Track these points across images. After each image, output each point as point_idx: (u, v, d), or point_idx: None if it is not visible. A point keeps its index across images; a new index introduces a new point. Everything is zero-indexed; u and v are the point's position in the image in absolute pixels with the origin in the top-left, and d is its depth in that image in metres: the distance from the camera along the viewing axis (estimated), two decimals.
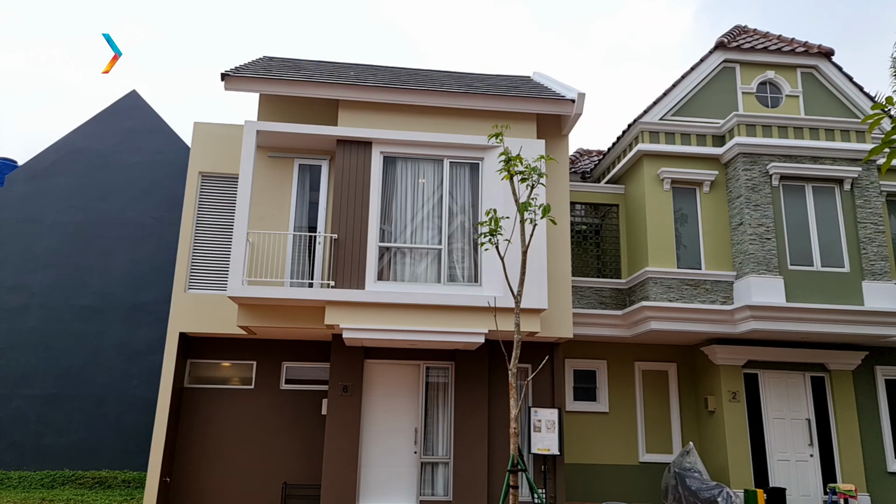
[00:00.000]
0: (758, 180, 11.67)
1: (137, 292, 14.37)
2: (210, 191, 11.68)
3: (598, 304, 12.55)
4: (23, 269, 14.33)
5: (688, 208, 12.23)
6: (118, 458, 13.52)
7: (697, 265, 11.96)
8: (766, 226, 11.48)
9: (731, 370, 12.08)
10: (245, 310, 10.02)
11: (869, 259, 11.54)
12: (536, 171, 8.26)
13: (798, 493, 11.67)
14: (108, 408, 13.83)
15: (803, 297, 11.20)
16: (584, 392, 13.00)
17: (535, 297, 9.89)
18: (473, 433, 10.69)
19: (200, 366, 11.72)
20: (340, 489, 10.22)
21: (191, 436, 11.33)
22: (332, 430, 10.48)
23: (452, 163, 10.70)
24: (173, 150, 15.07)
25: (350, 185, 10.31)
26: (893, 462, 12.13)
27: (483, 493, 10.42)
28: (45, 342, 13.98)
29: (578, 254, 12.98)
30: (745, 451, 11.72)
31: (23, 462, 13.36)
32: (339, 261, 9.99)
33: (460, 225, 10.59)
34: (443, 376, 11.19)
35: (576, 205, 13.09)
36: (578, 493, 12.18)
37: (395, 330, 9.79)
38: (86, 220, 14.63)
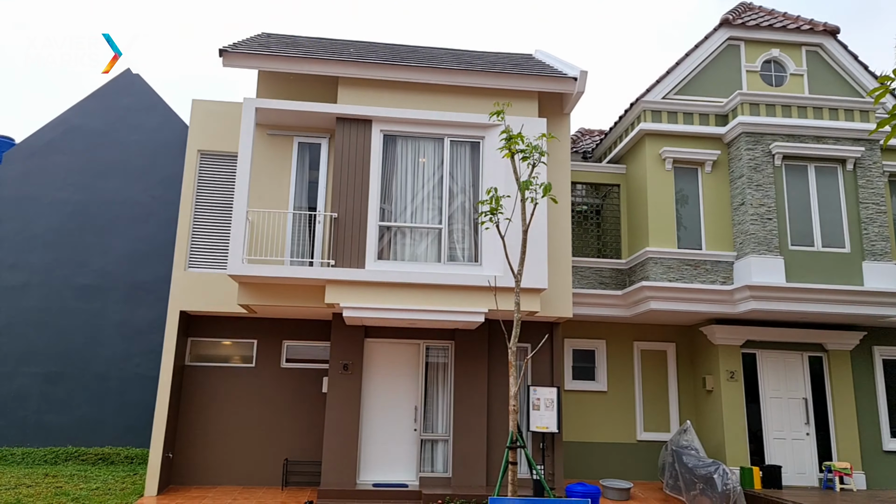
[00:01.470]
0: (760, 160, 11.61)
1: (137, 271, 14.38)
2: (209, 169, 11.61)
3: (597, 284, 12.56)
4: (22, 247, 14.31)
5: (689, 189, 12.18)
6: (120, 434, 13.64)
7: (698, 245, 11.94)
8: (767, 206, 11.44)
9: (729, 350, 12.13)
10: (245, 288, 10.03)
11: (870, 239, 11.53)
12: (538, 149, 8.21)
13: (794, 470, 11.79)
14: (109, 386, 13.93)
15: (803, 278, 11.21)
16: (582, 371, 13.08)
17: (535, 277, 9.89)
18: (473, 411, 10.76)
19: (201, 344, 11.76)
20: (341, 465, 10.32)
21: (192, 413, 11.42)
22: (332, 408, 10.55)
23: (453, 141, 10.63)
24: (171, 129, 14.98)
25: (350, 163, 10.25)
26: (889, 441, 12.25)
27: (482, 470, 10.53)
28: (45, 321, 14.03)
29: (579, 234, 12.95)
30: (741, 430, 11.82)
31: (26, 439, 13.48)
32: (339, 240, 9.97)
33: (461, 204, 10.55)
34: (443, 355, 11.24)
35: (577, 185, 13.04)
36: (576, 470, 12.31)
37: (395, 309, 9.80)
38: (84, 199, 14.58)
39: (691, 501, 10.56)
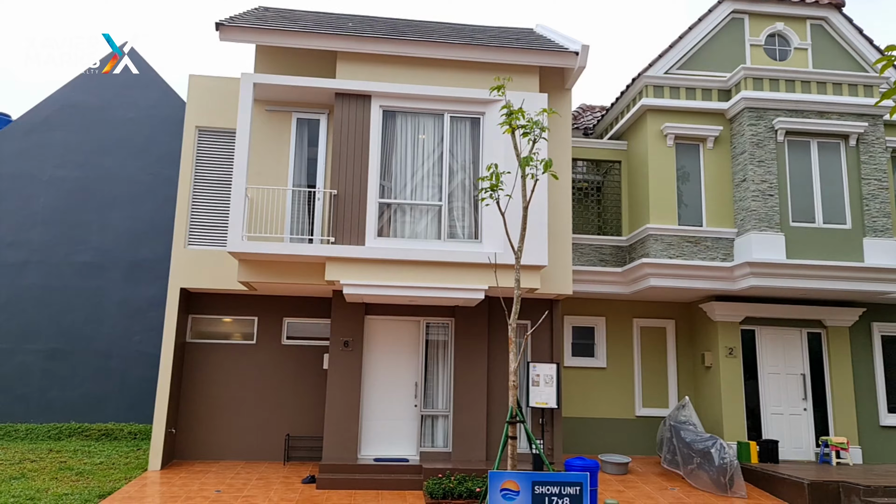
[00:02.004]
0: (763, 136, 11.52)
1: (137, 249, 14.37)
2: (207, 146, 11.53)
3: (597, 262, 12.56)
4: (21, 224, 14.28)
5: (690, 165, 12.10)
6: (123, 411, 13.75)
7: (699, 222, 11.91)
8: (769, 182, 11.39)
9: (728, 326, 12.17)
10: (245, 265, 10.02)
11: (871, 215, 11.50)
12: (538, 124, 8.14)
13: (791, 445, 11.91)
14: (112, 363, 14.00)
15: (804, 254, 11.20)
16: (582, 348, 13.14)
17: (535, 254, 9.87)
18: (473, 387, 10.83)
19: (202, 321, 11.80)
20: (342, 441, 10.41)
21: (194, 389, 11.49)
22: (333, 384, 10.62)
23: (453, 117, 10.53)
24: (169, 105, 14.83)
25: (349, 139, 10.17)
26: (886, 416, 12.35)
27: (482, 445, 10.63)
28: (46, 298, 14.05)
29: (579, 211, 12.91)
30: (739, 405, 11.91)
31: (29, 415, 13.59)
32: (339, 217, 9.94)
33: (461, 181, 10.49)
34: (443, 332, 11.28)
35: (578, 161, 12.96)
36: (575, 445, 12.43)
37: (395, 286, 9.80)
38: (83, 176, 14.51)
39: (688, 475, 10.69)
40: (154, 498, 8.97)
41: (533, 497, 7.28)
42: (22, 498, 8.50)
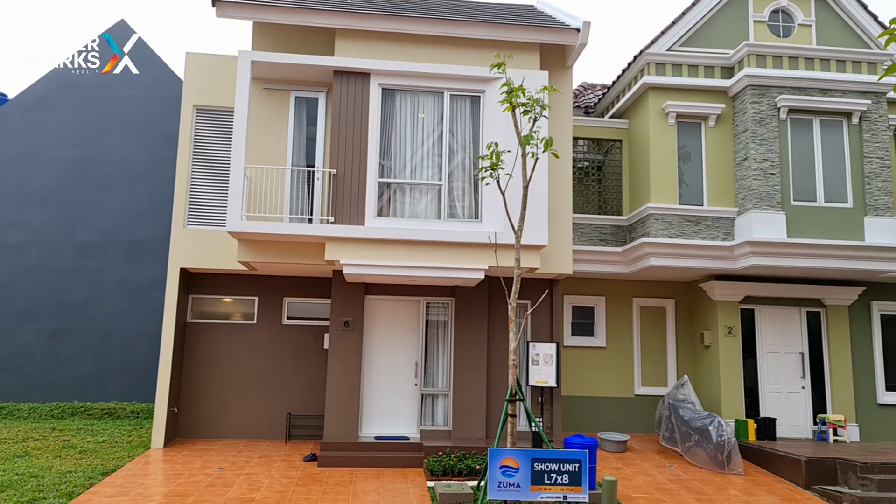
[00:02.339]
0: (765, 113, 11.43)
1: (136, 229, 14.34)
2: (205, 125, 11.44)
3: (598, 241, 12.54)
4: (20, 204, 14.24)
5: (692, 144, 12.03)
6: (125, 390, 13.84)
7: (699, 202, 11.87)
8: (771, 160, 11.33)
9: (728, 306, 12.19)
10: (245, 245, 10.00)
11: (873, 194, 11.45)
12: (539, 102, 8.08)
13: (788, 423, 11.99)
14: (113, 343, 14.05)
15: (804, 233, 11.18)
16: (582, 327, 13.18)
17: (535, 234, 9.85)
18: (473, 367, 10.87)
19: (202, 301, 11.81)
20: (343, 419, 10.49)
21: (196, 369, 11.55)
22: (334, 364, 10.66)
23: (453, 95, 10.43)
24: (166, 84, 14.71)
25: (348, 118, 10.08)
26: (884, 394, 12.43)
27: (482, 423, 10.70)
28: (46, 278, 14.06)
29: (580, 190, 12.86)
30: (737, 384, 11.97)
31: (31, 395, 13.68)
32: (339, 196, 9.89)
33: (461, 161, 10.43)
34: (443, 312, 11.29)
35: (578, 140, 12.88)
36: (574, 423, 12.52)
37: (395, 266, 9.79)
38: (80, 156, 14.43)
39: (686, 453, 10.78)
40: (157, 475, 9.06)
41: (532, 474, 7.34)
42: (26, 476, 8.58)
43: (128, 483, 8.56)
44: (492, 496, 7.33)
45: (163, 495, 8.06)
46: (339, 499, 8.13)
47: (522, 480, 7.33)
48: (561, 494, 7.32)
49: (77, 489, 8.13)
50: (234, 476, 9.01)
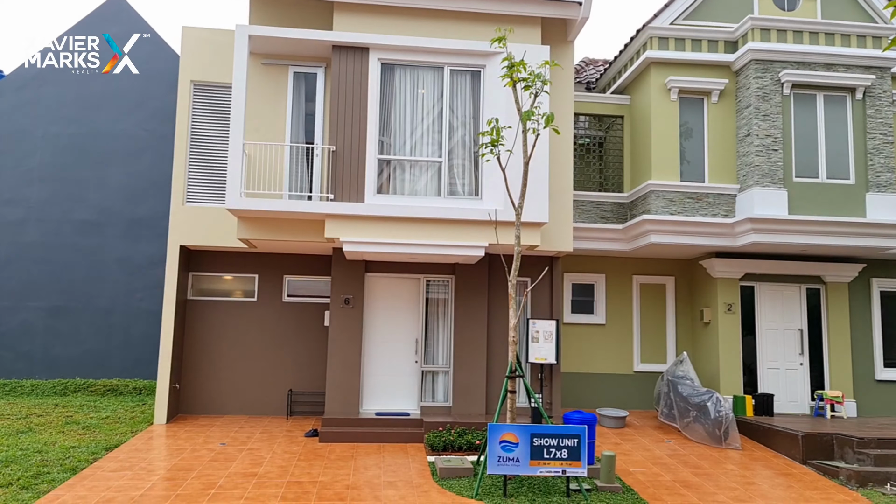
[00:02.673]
0: (769, 89, 11.31)
1: (136, 206, 14.30)
2: (203, 101, 11.33)
3: (598, 218, 12.50)
4: (18, 182, 14.18)
5: (694, 120, 11.93)
6: (127, 367, 13.92)
7: (701, 178, 11.81)
8: (773, 136, 11.24)
9: (728, 283, 12.20)
10: (245, 223, 9.97)
11: (875, 171, 11.39)
12: (540, 77, 7.99)
13: (786, 399, 12.08)
14: (114, 320, 14.10)
15: (806, 210, 11.14)
16: (581, 305, 13.20)
17: (535, 211, 9.81)
18: (473, 344, 10.91)
19: (203, 279, 11.82)
20: (344, 395, 10.55)
21: (197, 346, 11.60)
22: (334, 341, 10.69)
23: (453, 70, 10.31)
24: (163, 59, 14.54)
25: (347, 94, 9.98)
26: (882, 370, 12.50)
27: (482, 400, 10.78)
28: (46, 256, 14.06)
29: (581, 167, 12.79)
30: (736, 361, 12.03)
31: (34, 371, 13.76)
32: (338, 173, 9.84)
33: (461, 137, 10.34)
34: (443, 289, 11.30)
35: (580, 116, 12.77)
36: (574, 400, 12.62)
37: (395, 243, 9.77)
38: (78, 132, 14.33)
39: (685, 429, 10.87)
40: (160, 450, 9.15)
41: (532, 449, 7.42)
42: (30, 451, 8.67)
43: (131, 458, 8.65)
44: (491, 471, 7.41)
45: (166, 469, 8.14)
46: (341, 473, 8.22)
47: (522, 455, 7.40)
48: (560, 469, 7.41)
49: (81, 464, 8.21)
50: (237, 451, 9.10)
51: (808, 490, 8.25)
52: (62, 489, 7.26)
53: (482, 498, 7.40)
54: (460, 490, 7.66)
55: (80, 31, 14.55)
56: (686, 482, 8.37)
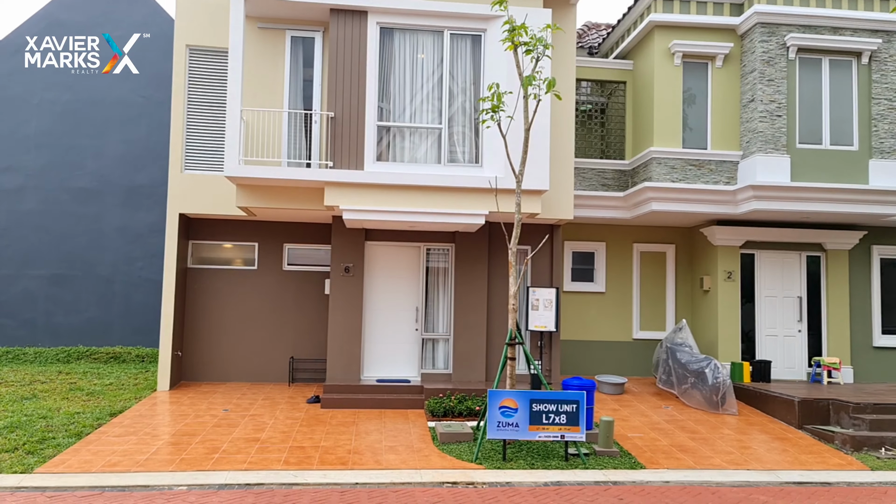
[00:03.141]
0: (774, 53, 11.13)
1: (133, 174, 14.21)
2: (199, 66, 11.15)
3: (599, 186, 12.43)
4: (14, 149, 14.06)
5: (698, 86, 11.76)
6: (129, 335, 14.00)
7: (703, 145, 11.70)
8: (777, 102, 11.10)
9: (728, 251, 12.19)
10: (243, 190, 9.90)
11: (879, 136, 11.28)
12: (542, 41, 7.85)
13: (783, 365, 12.18)
14: (115, 288, 14.13)
15: (808, 176, 11.07)
16: (582, 273, 13.21)
17: (536, 178, 9.74)
18: (473, 312, 10.95)
19: (203, 247, 11.80)
20: (345, 362, 10.64)
21: (198, 314, 11.64)
22: (335, 309, 10.73)
23: (453, 34, 10.12)
24: (157, 23, 14.28)
25: (345, 59, 9.82)
26: (879, 337, 12.57)
27: (482, 367, 10.87)
28: (45, 224, 14.02)
29: (582, 134, 12.66)
30: (735, 328, 12.10)
31: (36, 339, 13.85)
32: (337, 140, 9.74)
33: (461, 104, 10.21)
34: (443, 258, 11.30)
35: (581, 82, 12.59)
36: (573, 367, 12.73)
37: (394, 211, 9.72)
38: (73, 99, 14.16)
39: (682, 395, 10.98)
40: (164, 416, 9.26)
41: (531, 414, 7.50)
42: (35, 417, 8.77)
43: (135, 423, 8.75)
44: (491, 435, 7.51)
45: (170, 435, 8.25)
46: (343, 438, 8.33)
47: (521, 420, 7.49)
48: (558, 434, 7.50)
49: (86, 429, 8.31)
50: (239, 417, 9.21)
51: (803, 454, 8.37)
52: (68, 454, 7.36)
53: (482, 462, 7.51)
54: (460, 454, 7.77)
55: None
56: (683, 446, 8.48)
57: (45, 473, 6.74)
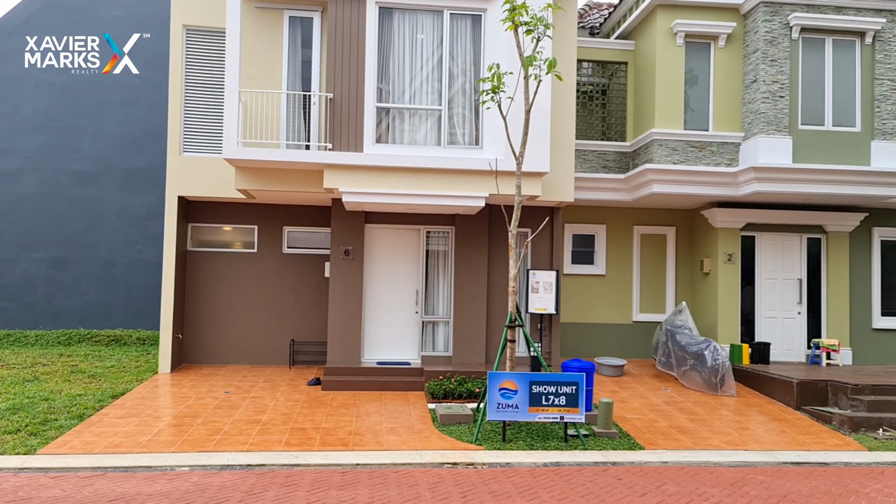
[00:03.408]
0: (777, 32, 11.01)
1: (132, 156, 14.14)
2: (197, 46, 11.04)
3: (600, 168, 12.37)
4: (12, 131, 13.98)
5: (700, 66, 11.65)
6: (130, 318, 14.03)
7: (705, 127, 11.63)
8: (780, 83, 11.01)
9: (729, 233, 12.16)
10: (242, 173, 9.86)
11: (882, 118, 11.20)
12: (543, 21, 7.76)
13: (782, 347, 12.22)
14: (115, 271, 14.13)
15: (810, 158, 11.01)
16: (582, 256, 13.20)
17: (537, 160, 9.69)
18: (473, 294, 10.96)
19: (202, 230, 11.78)
20: (346, 345, 10.67)
21: (198, 297, 11.65)
22: (335, 292, 10.73)
23: (453, 14, 10.00)
24: (154, 3, 14.10)
25: (344, 39, 9.71)
26: (879, 319, 12.59)
27: (482, 350, 10.90)
28: (44, 207, 13.99)
29: (583, 115, 12.57)
30: (734, 310, 12.11)
31: (37, 322, 13.88)
32: (336, 122, 9.67)
33: (461, 86, 10.12)
34: (443, 240, 11.27)
35: (583, 63, 12.48)
36: (573, 349, 12.76)
37: (394, 194, 9.68)
38: (70, 80, 14.04)
39: (682, 377, 11.03)
40: (166, 398, 9.30)
41: (530, 396, 7.53)
42: (37, 399, 8.81)
43: (137, 405, 8.80)
44: (491, 417, 7.55)
45: (172, 416, 8.29)
46: (343, 420, 8.37)
47: (521, 402, 7.52)
48: (558, 415, 7.54)
49: (88, 411, 8.36)
50: (241, 399, 9.25)
51: (800, 435, 8.42)
52: (70, 435, 7.40)
53: (482, 443, 7.56)
54: (460, 435, 7.81)
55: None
56: (681, 428, 8.53)
57: (47, 455, 6.78)
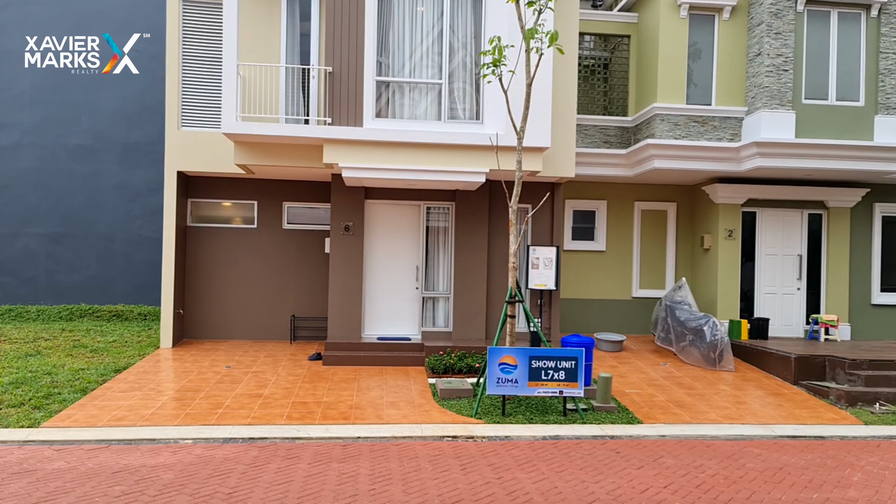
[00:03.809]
0: (782, 5, 10.85)
1: (130, 131, 14.04)
2: (194, 19, 10.88)
3: (601, 143, 12.29)
4: (9, 105, 13.86)
5: (703, 40, 11.51)
6: (130, 293, 14.06)
7: (708, 101, 11.52)
8: (784, 56, 10.88)
9: (730, 209, 12.13)
10: (241, 147, 9.79)
11: (885, 92, 11.10)
12: None
13: (781, 323, 12.27)
14: (115, 246, 14.13)
15: (813, 133, 10.93)
16: (582, 232, 13.18)
17: (538, 135, 9.61)
18: (473, 270, 10.97)
19: (202, 205, 11.74)
20: (346, 321, 10.71)
21: (199, 273, 11.67)
22: (335, 268, 10.74)
23: None
24: None
25: (343, 11, 9.57)
26: (878, 295, 12.62)
27: (482, 325, 10.94)
28: (43, 182, 13.93)
29: (585, 90, 12.45)
30: (734, 286, 12.13)
31: (38, 297, 13.92)
32: (335, 96, 9.58)
33: (462, 59, 10.00)
34: (443, 216, 11.25)
35: (584, 36, 12.31)
36: (573, 325, 12.82)
37: (394, 169, 9.63)
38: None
39: (680, 352, 11.09)
40: (168, 373, 9.37)
41: (530, 371, 7.58)
42: (39, 373, 8.87)
43: (140, 379, 8.86)
44: (490, 391, 7.61)
45: (175, 390, 8.36)
46: (344, 395, 8.44)
47: (520, 377, 7.58)
48: (557, 389, 7.60)
49: (91, 385, 8.42)
50: (242, 374, 9.32)
51: (797, 409, 8.49)
52: (73, 408, 7.47)
53: (481, 417, 7.63)
54: (460, 410, 7.89)
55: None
56: (680, 402, 8.61)
57: (51, 428, 6.85)
